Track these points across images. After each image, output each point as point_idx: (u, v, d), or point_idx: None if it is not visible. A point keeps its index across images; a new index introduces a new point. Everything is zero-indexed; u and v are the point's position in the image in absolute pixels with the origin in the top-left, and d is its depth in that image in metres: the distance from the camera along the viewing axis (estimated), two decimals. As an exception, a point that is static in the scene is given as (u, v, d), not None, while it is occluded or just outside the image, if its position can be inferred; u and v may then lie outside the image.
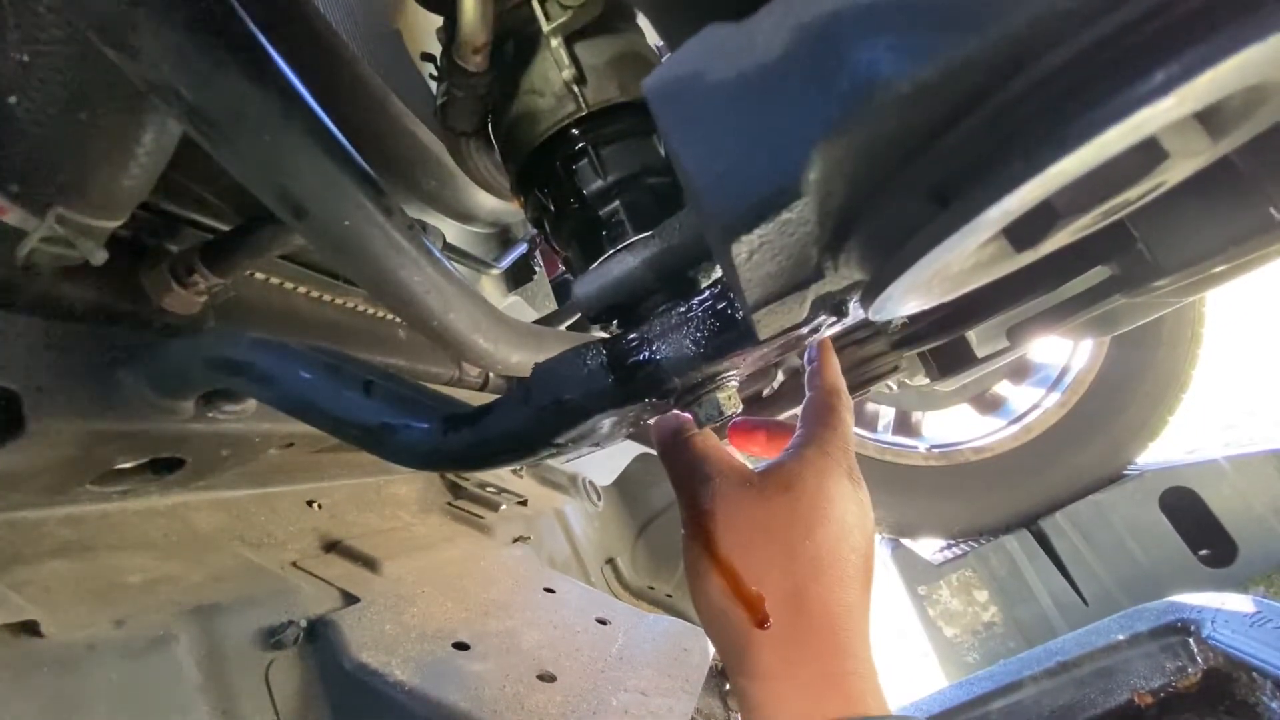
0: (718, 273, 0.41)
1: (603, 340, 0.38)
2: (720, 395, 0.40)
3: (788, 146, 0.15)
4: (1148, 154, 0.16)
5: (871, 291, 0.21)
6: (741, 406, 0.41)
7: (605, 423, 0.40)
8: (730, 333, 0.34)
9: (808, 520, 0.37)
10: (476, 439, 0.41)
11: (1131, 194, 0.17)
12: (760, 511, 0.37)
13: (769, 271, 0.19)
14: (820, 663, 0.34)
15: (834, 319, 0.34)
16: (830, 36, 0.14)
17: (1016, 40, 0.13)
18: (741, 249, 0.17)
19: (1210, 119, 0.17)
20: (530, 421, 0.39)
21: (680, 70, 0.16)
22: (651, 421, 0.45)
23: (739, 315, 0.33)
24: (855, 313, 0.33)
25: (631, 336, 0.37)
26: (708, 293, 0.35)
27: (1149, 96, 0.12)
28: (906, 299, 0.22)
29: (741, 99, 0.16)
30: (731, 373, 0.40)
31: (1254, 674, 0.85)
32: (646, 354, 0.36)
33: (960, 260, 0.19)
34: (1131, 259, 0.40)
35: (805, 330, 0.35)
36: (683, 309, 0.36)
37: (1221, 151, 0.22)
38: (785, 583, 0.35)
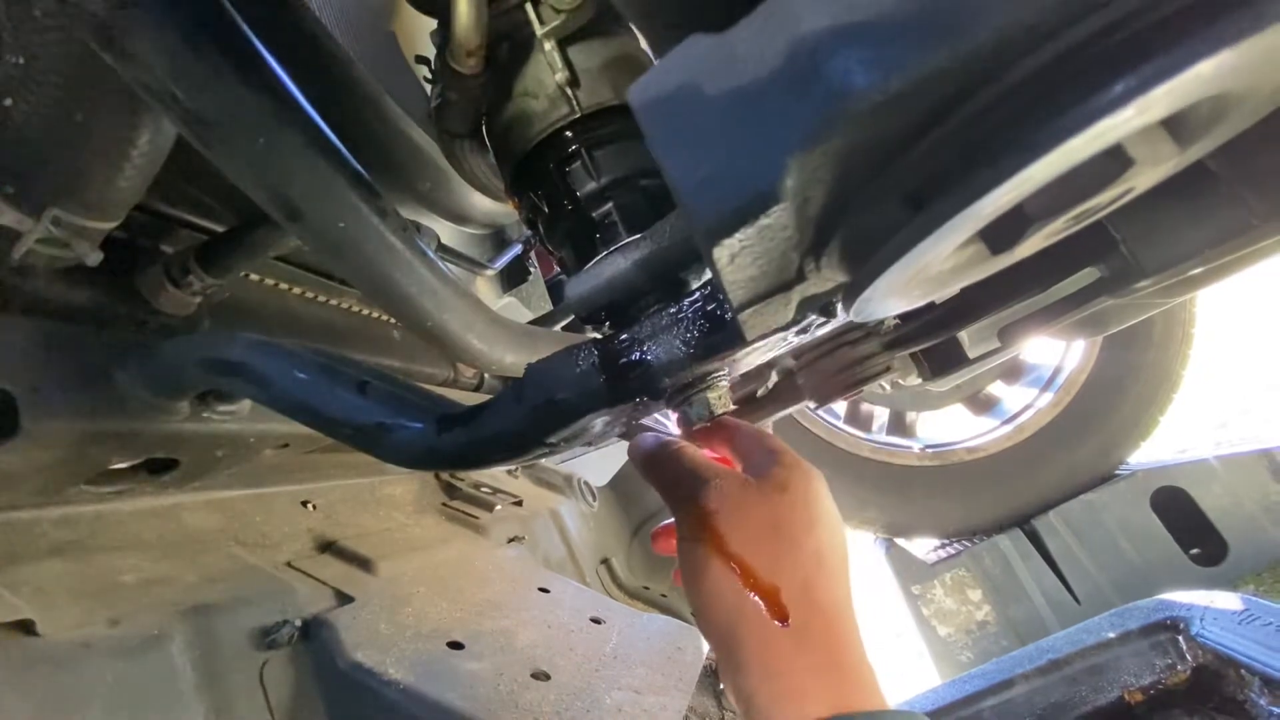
0: (708, 274, 0.41)
1: (595, 341, 0.39)
2: (711, 395, 0.40)
3: (766, 154, 0.16)
4: (1114, 161, 0.16)
5: (851, 294, 0.21)
6: (733, 405, 0.42)
7: (597, 422, 0.40)
8: (720, 333, 0.34)
9: (806, 517, 0.38)
10: (470, 438, 0.41)
11: (1101, 199, 0.18)
12: (765, 508, 0.38)
13: (751, 274, 0.19)
14: (832, 654, 0.35)
15: (823, 320, 0.35)
16: (807, 48, 0.15)
17: (984, 52, 0.14)
18: (723, 252, 0.17)
19: (1176, 127, 0.18)
20: (523, 421, 0.39)
21: (664, 79, 0.17)
22: (628, 444, 0.45)
23: (728, 316, 0.34)
24: (844, 316, 0.33)
25: (623, 337, 0.37)
26: (698, 294, 0.36)
27: (1109, 107, 0.13)
28: (887, 300, 0.22)
29: (722, 107, 0.16)
30: (722, 372, 0.41)
31: (1242, 671, 0.85)
32: (638, 354, 0.37)
33: (937, 263, 0.19)
34: (1116, 261, 0.40)
35: (795, 331, 0.35)
36: (673, 310, 0.36)
37: (1192, 158, 0.23)
38: (795, 577, 0.36)
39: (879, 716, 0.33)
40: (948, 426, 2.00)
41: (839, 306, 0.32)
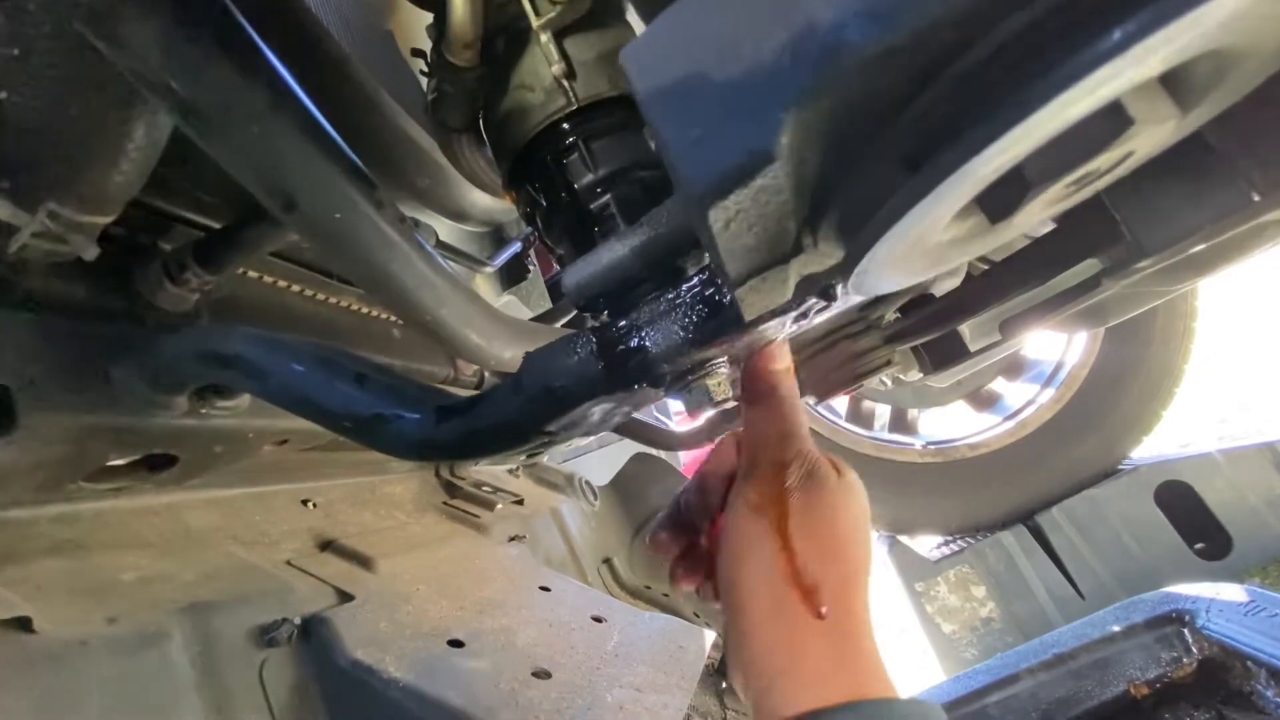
0: (706, 259, 0.41)
1: (592, 328, 0.39)
2: (710, 382, 0.40)
3: (760, 112, 0.15)
4: (1113, 119, 0.16)
5: (848, 265, 0.21)
6: (732, 394, 0.42)
7: (596, 410, 0.40)
8: (718, 318, 0.34)
9: (862, 520, 0.39)
10: (468, 428, 0.41)
11: (1101, 162, 0.18)
12: (834, 503, 0.38)
13: (747, 244, 0.19)
14: (854, 644, 0.35)
15: (823, 303, 0.35)
16: (800, 3, 0.15)
17: (981, 2, 0.14)
18: (719, 216, 0.17)
19: (1176, 86, 0.18)
20: (521, 410, 0.39)
21: (656, 40, 0.17)
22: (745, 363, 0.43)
23: (726, 301, 0.33)
24: (845, 302, 0.33)
25: (621, 324, 0.37)
26: (696, 279, 0.35)
27: (1106, 55, 0.13)
28: (885, 272, 0.22)
29: (715, 67, 0.16)
30: (721, 359, 0.41)
31: (1249, 663, 0.85)
32: (636, 341, 0.36)
33: (935, 231, 0.19)
34: (1116, 242, 0.40)
35: (794, 315, 0.35)
36: (671, 296, 0.36)
37: (1193, 124, 0.22)
38: (837, 575, 0.36)
39: (893, 704, 0.34)
40: (949, 423, 2.00)
41: (838, 289, 0.32)
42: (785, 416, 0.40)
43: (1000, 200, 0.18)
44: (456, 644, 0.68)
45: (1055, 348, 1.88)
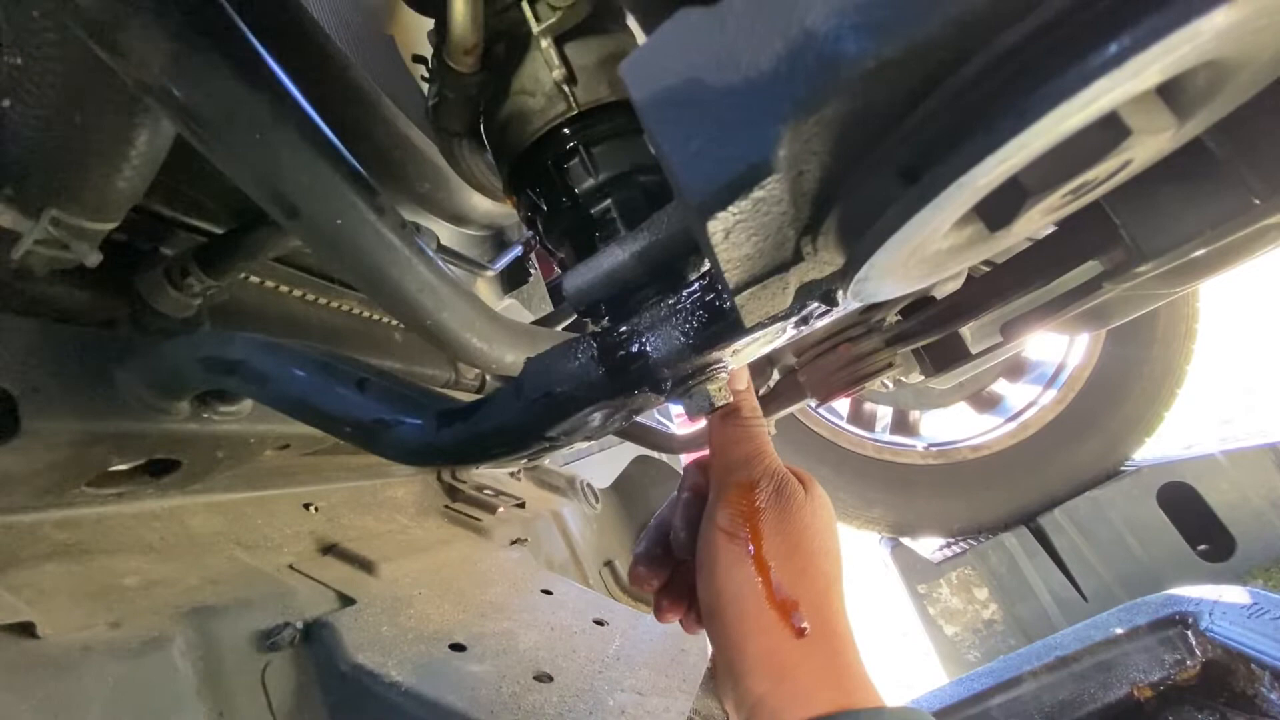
0: (707, 265, 0.41)
1: (593, 334, 0.39)
2: (711, 387, 0.40)
3: (758, 124, 0.16)
4: (1110, 130, 0.16)
5: (847, 272, 0.21)
6: (732, 398, 0.42)
7: (596, 415, 0.40)
8: (719, 324, 0.34)
9: (830, 532, 0.39)
10: (469, 433, 0.41)
11: (1099, 171, 0.18)
12: (803, 519, 0.38)
13: (747, 253, 0.19)
14: (837, 658, 0.36)
15: (824, 309, 0.35)
16: (797, 17, 0.15)
17: (978, 15, 0.14)
18: (718, 226, 0.17)
19: (1173, 96, 0.18)
20: (522, 415, 0.39)
21: (655, 53, 0.17)
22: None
23: (727, 306, 0.34)
24: (846, 306, 0.33)
25: (622, 329, 0.37)
26: (696, 285, 0.36)
27: (1103, 68, 0.13)
28: (885, 280, 0.22)
29: (713, 79, 0.16)
30: (722, 364, 0.41)
31: (1252, 665, 0.85)
32: (637, 346, 0.37)
33: (934, 240, 0.19)
34: (1116, 247, 0.40)
35: (795, 321, 0.35)
36: (672, 301, 0.36)
37: (1191, 133, 0.22)
38: (813, 590, 0.37)
39: (880, 713, 0.34)
40: (951, 425, 2.00)
41: (839, 294, 0.32)
42: (751, 437, 0.41)
43: (999, 209, 0.18)
44: (458, 648, 0.68)
45: (1057, 349, 1.87)
